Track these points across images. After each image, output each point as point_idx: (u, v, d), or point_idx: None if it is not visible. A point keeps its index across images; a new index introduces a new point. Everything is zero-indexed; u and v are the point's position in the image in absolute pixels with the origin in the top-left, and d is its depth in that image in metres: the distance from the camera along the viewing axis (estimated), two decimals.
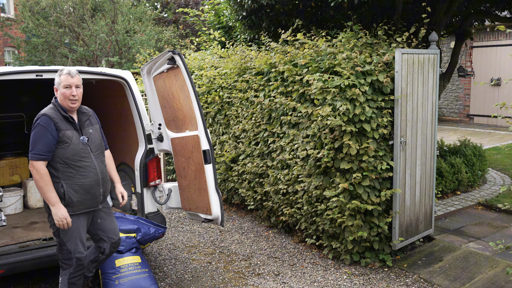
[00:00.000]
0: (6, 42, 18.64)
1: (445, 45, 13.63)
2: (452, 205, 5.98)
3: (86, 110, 3.44)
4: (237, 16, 6.83)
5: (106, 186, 3.39)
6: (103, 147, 3.46)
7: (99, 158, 3.36)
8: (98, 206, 3.36)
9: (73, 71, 3.22)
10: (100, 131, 3.47)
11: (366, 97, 4.14)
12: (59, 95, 3.21)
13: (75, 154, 3.17)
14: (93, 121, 3.42)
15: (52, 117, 3.14)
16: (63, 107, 3.22)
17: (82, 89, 3.28)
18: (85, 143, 3.24)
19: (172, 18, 19.64)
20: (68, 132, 3.17)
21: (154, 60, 4.08)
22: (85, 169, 3.22)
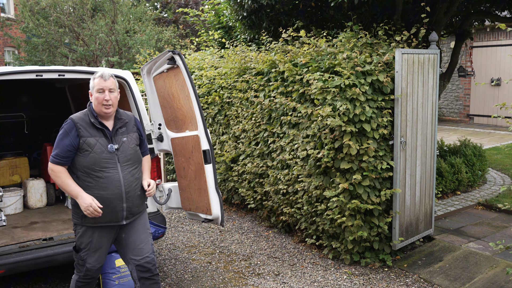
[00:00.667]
0: (6, 42, 18.64)
1: (445, 45, 13.63)
2: (452, 205, 5.98)
3: (124, 116, 3.17)
4: (237, 16, 6.83)
5: (132, 201, 3.07)
6: (137, 158, 3.15)
7: (128, 169, 3.05)
8: (121, 222, 3.06)
9: (106, 74, 3.02)
10: (138, 140, 3.20)
11: (366, 97, 4.14)
12: (93, 100, 3.03)
13: (95, 164, 2.93)
14: (130, 129, 3.15)
15: (76, 122, 2.98)
16: (95, 113, 3.03)
17: (117, 93, 3.06)
18: (112, 151, 2.99)
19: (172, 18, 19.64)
20: (91, 140, 2.95)
21: (154, 60, 4.08)
22: (105, 181, 2.95)
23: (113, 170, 2.98)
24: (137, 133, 3.20)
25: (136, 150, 3.14)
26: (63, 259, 3.75)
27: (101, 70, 3.01)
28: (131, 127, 3.17)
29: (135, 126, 3.22)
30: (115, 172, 2.98)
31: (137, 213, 3.16)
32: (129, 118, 3.19)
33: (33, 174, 5.56)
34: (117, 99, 3.06)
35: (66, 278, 4.30)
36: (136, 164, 3.13)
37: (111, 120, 3.09)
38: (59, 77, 3.92)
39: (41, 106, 6.08)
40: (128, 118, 3.19)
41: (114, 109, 3.06)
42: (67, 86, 6.09)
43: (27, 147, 5.87)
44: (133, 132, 3.16)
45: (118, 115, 3.13)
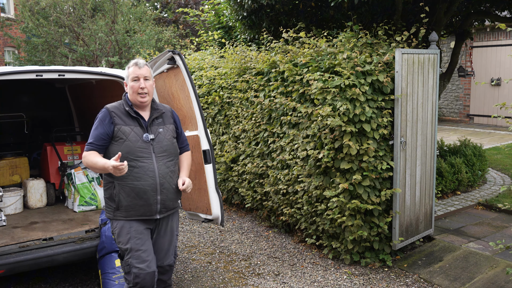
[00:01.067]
0: (6, 42, 18.64)
1: (445, 45, 13.63)
2: (452, 205, 5.98)
3: (160, 107, 3.10)
4: (237, 16, 6.83)
5: (166, 194, 2.97)
6: (173, 150, 3.06)
7: (163, 161, 2.96)
8: (155, 215, 2.97)
9: (141, 62, 2.95)
10: (175, 133, 3.12)
11: (366, 97, 4.14)
12: (129, 90, 2.97)
13: (129, 152, 2.86)
14: (166, 121, 3.08)
15: (111, 110, 2.94)
16: (129, 102, 2.98)
17: (152, 81, 2.99)
18: (147, 141, 2.92)
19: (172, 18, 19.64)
20: (126, 128, 2.90)
21: (154, 60, 4.08)
22: (139, 170, 2.87)
23: (147, 160, 2.90)
24: (173, 125, 3.12)
25: (173, 142, 3.06)
26: (63, 259, 3.75)
27: (135, 59, 2.96)
28: (167, 118, 3.09)
29: (172, 118, 3.14)
30: (149, 162, 2.90)
31: (172, 208, 3.06)
32: (166, 109, 3.12)
33: (33, 174, 5.56)
34: (152, 87, 3.00)
35: (66, 278, 4.30)
36: (172, 156, 3.04)
37: (147, 110, 3.02)
38: (59, 77, 3.92)
39: (41, 106, 6.08)
40: (165, 109, 3.11)
41: (150, 98, 2.99)
42: (67, 86, 6.09)
43: (27, 147, 5.87)
44: (169, 124, 3.08)
45: (155, 106, 3.06)
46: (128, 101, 2.99)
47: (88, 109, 5.90)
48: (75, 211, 4.83)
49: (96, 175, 5.11)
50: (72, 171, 5.00)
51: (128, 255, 2.92)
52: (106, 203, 3.01)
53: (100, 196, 4.93)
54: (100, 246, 3.87)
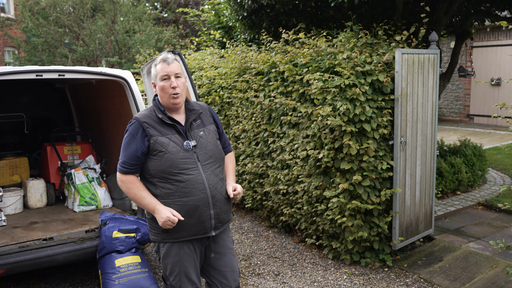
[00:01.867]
0: (6, 42, 18.64)
1: (445, 45, 13.63)
2: (452, 205, 5.98)
3: (196, 106, 2.68)
4: (237, 16, 6.83)
5: (220, 207, 2.58)
6: (219, 155, 2.65)
7: (211, 169, 2.56)
8: (209, 233, 2.58)
9: (170, 57, 2.54)
10: (217, 133, 2.72)
11: (366, 97, 4.14)
12: (158, 91, 2.55)
13: (172, 166, 2.45)
14: (206, 121, 2.66)
15: (142, 120, 2.50)
16: (162, 106, 2.56)
17: (184, 78, 2.59)
18: (189, 149, 2.51)
19: (172, 18, 19.64)
20: (163, 139, 2.47)
21: (154, 60, 4.07)
22: (186, 185, 2.46)
23: (194, 171, 2.48)
24: (214, 125, 2.71)
25: (217, 145, 2.65)
26: (63, 259, 3.75)
27: (163, 54, 2.54)
28: (206, 118, 2.68)
29: (211, 117, 2.73)
30: (196, 173, 2.49)
31: (226, 221, 2.68)
32: (202, 108, 2.70)
33: (33, 174, 5.56)
34: (185, 86, 2.58)
35: (66, 278, 4.30)
36: (219, 162, 2.64)
37: (181, 112, 2.61)
38: (59, 77, 3.92)
39: (41, 106, 6.09)
40: (201, 108, 2.70)
41: (183, 99, 2.58)
42: (67, 86, 6.09)
43: (27, 147, 5.87)
44: (209, 124, 2.67)
45: (189, 106, 2.64)
46: (160, 105, 2.56)
47: (88, 109, 5.91)
48: (75, 211, 4.83)
49: (96, 175, 5.11)
50: (72, 171, 5.00)
51: (176, 279, 2.58)
52: (149, 224, 2.61)
53: (100, 196, 4.94)
54: (100, 246, 3.87)
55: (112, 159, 5.37)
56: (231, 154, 2.87)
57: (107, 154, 5.50)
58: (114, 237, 3.87)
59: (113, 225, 3.93)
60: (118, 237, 3.88)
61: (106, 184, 5.12)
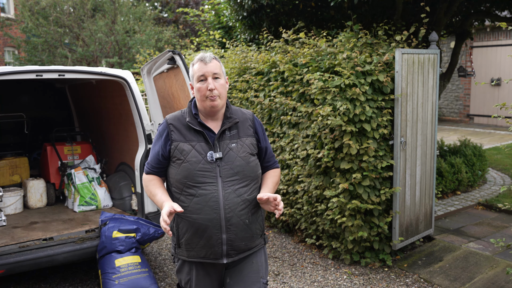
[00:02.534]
0: (6, 42, 18.65)
1: (445, 45, 13.63)
2: (452, 205, 5.98)
3: (236, 114, 2.36)
4: (237, 16, 6.83)
5: (236, 232, 2.23)
6: (249, 172, 2.28)
7: (233, 187, 2.22)
8: (220, 260, 2.26)
9: (207, 56, 2.26)
10: (255, 147, 2.35)
11: (366, 97, 4.14)
12: (195, 93, 2.29)
13: (188, 177, 2.20)
14: (243, 132, 2.33)
15: (169, 122, 2.30)
16: (195, 109, 2.31)
17: (224, 80, 2.30)
18: (212, 161, 2.21)
19: (172, 18, 19.64)
20: (184, 145, 2.23)
21: (154, 60, 4.08)
22: (199, 200, 2.19)
23: (210, 186, 2.19)
24: (254, 137, 2.35)
25: (249, 161, 2.27)
26: (63, 259, 3.75)
27: (201, 53, 2.31)
28: (245, 129, 2.34)
29: (252, 128, 2.37)
30: (213, 189, 2.19)
31: (245, 250, 2.31)
32: (243, 118, 2.37)
33: (33, 174, 5.56)
34: (224, 88, 2.28)
35: (66, 278, 4.30)
36: (247, 181, 2.26)
37: (218, 119, 2.32)
38: (59, 77, 3.92)
39: (41, 106, 6.09)
40: (242, 117, 2.36)
41: (222, 103, 2.28)
42: (67, 86, 6.09)
43: (27, 147, 5.88)
44: (247, 136, 2.33)
45: (228, 113, 2.33)
46: (193, 108, 2.32)
47: (88, 109, 5.91)
48: (75, 211, 4.83)
49: (96, 175, 5.11)
50: (72, 171, 5.00)
51: None
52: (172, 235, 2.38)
53: (100, 196, 4.94)
54: (100, 246, 3.87)
55: (112, 159, 5.38)
56: (276, 170, 2.49)
57: (107, 154, 5.50)
58: (114, 237, 3.87)
59: (113, 225, 3.94)
60: (118, 237, 3.88)
61: (106, 184, 5.12)
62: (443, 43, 13.56)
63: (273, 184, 2.40)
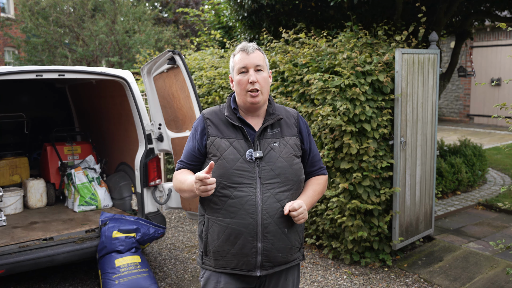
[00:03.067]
0: (6, 42, 18.65)
1: (445, 45, 13.63)
2: (452, 205, 5.98)
3: (279, 110, 2.17)
4: (237, 16, 6.83)
5: (273, 242, 2.01)
6: (292, 175, 2.06)
7: (273, 190, 2.00)
8: (253, 271, 2.02)
9: (250, 46, 2.07)
10: (298, 149, 2.13)
11: (366, 97, 4.14)
12: (235, 86, 2.10)
13: (223, 176, 1.99)
14: (286, 131, 2.12)
15: (206, 116, 2.13)
16: (234, 104, 2.13)
17: (267, 73, 2.11)
18: (251, 160, 2.01)
19: (172, 18, 19.64)
20: (222, 141, 2.04)
21: (154, 60, 4.08)
22: (234, 203, 1.98)
23: (248, 188, 1.98)
24: (297, 137, 2.14)
25: (292, 163, 2.07)
26: (63, 259, 3.76)
27: (242, 43, 2.12)
28: (289, 127, 2.14)
29: (297, 127, 2.17)
30: (250, 191, 1.98)
31: (281, 263, 2.07)
32: (287, 115, 2.18)
33: (33, 174, 5.56)
34: (267, 82, 2.08)
35: (66, 278, 4.30)
36: (289, 185, 2.05)
37: (259, 115, 2.13)
38: (59, 77, 3.92)
39: (41, 106, 6.09)
40: (286, 114, 2.18)
41: (265, 98, 2.09)
42: (67, 86, 6.09)
43: (27, 147, 5.88)
44: (291, 136, 2.12)
45: (271, 109, 2.14)
46: (233, 103, 2.14)
47: (88, 109, 5.91)
48: (75, 211, 4.83)
49: (96, 175, 5.11)
50: (72, 171, 5.00)
51: None
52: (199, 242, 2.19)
53: (100, 196, 4.94)
54: (100, 246, 3.87)
55: (112, 159, 5.38)
56: (320, 177, 2.24)
57: (107, 154, 5.50)
58: (114, 237, 3.87)
59: (113, 225, 3.94)
60: (118, 237, 3.88)
61: (106, 184, 5.12)
62: (443, 43, 13.56)
63: (314, 193, 2.14)
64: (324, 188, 2.23)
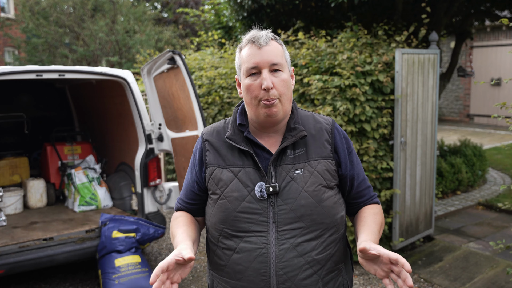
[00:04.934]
0: (6, 42, 18.65)
1: (445, 45, 13.63)
2: (452, 205, 5.98)
3: (304, 123, 1.55)
4: (237, 16, 6.83)
5: None
6: (322, 216, 1.45)
7: (294, 240, 1.43)
8: None
9: (263, 36, 1.48)
10: (333, 176, 1.51)
11: (366, 97, 4.14)
12: (244, 94, 1.51)
13: (225, 221, 1.47)
14: (314, 151, 1.50)
15: (205, 138, 1.59)
16: (243, 119, 1.56)
17: (288, 74, 1.50)
18: (262, 198, 1.44)
19: (172, 18, 19.65)
20: (222, 173, 1.50)
21: (154, 60, 4.08)
22: (241, 259, 1.44)
23: (257, 237, 1.43)
24: (331, 159, 1.51)
25: (322, 198, 1.45)
26: (63, 259, 3.76)
27: (251, 32, 1.54)
28: (318, 146, 1.51)
29: (330, 144, 1.53)
30: (261, 242, 1.43)
31: None
32: (316, 127, 1.54)
33: (33, 174, 5.56)
34: (287, 86, 1.47)
35: (66, 278, 4.30)
36: (318, 230, 1.45)
37: (278, 131, 1.54)
38: (59, 77, 3.92)
39: (41, 106, 6.09)
40: (314, 126, 1.54)
41: (285, 108, 1.48)
42: (67, 86, 6.09)
43: (27, 147, 5.88)
44: (320, 158, 1.49)
45: (292, 121, 1.52)
46: (239, 116, 1.56)
47: (88, 109, 5.91)
48: (75, 211, 4.83)
49: (96, 175, 5.11)
50: (72, 171, 5.00)
51: None
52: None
53: (100, 196, 4.94)
54: (100, 246, 3.87)
55: (112, 159, 5.38)
56: (373, 206, 1.63)
57: (107, 154, 5.50)
58: (114, 237, 3.87)
59: (113, 225, 3.94)
60: (118, 237, 3.88)
61: (106, 184, 5.12)
62: (443, 43, 13.56)
63: (377, 225, 1.52)
64: (383, 218, 1.60)
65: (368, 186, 1.64)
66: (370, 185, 1.65)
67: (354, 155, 1.59)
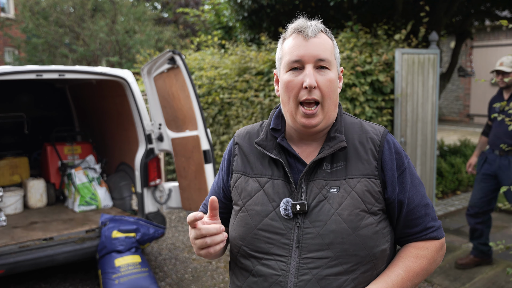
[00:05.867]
0: (6, 42, 18.66)
1: (445, 45, 13.64)
2: (452, 205, 5.98)
3: (348, 132, 1.32)
4: (238, 16, 6.83)
5: None
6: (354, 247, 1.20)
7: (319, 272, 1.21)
8: None
9: (311, 26, 1.28)
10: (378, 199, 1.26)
11: (366, 97, 4.14)
12: (281, 92, 1.32)
13: (243, 237, 1.29)
14: (355, 167, 1.27)
15: (236, 141, 1.43)
16: (276, 124, 1.38)
17: (336, 72, 1.30)
18: (287, 216, 1.25)
19: (172, 18, 19.65)
20: (248, 182, 1.33)
21: (154, 60, 4.08)
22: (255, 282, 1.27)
23: (277, 262, 1.25)
24: (375, 178, 1.26)
25: (358, 225, 1.22)
26: (63, 259, 3.76)
27: (297, 20, 1.34)
28: (361, 160, 1.28)
29: (376, 159, 1.29)
30: (279, 268, 1.24)
31: None
32: (362, 138, 1.31)
33: (33, 174, 5.57)
34: (333, 88, 1.27)
35: (66, 278, 4.30)
36: (349, 264, 1.21)
37: (317, 139, 1.34)
38: (59, 77, 3.92)
39: (41, 106, 6.09)
40: (359, 137, 1.32)
41: (328, 116, 1.29)
42: (67, 86, 6.10)
43: (27, 147, 5.88)
44: (362, 176, 1.26)
45: (333, 130, 1.31)
46: (275, 119, 1.39)
47: (88, 109, 5.91)
48: (75, 211, 4.83)
49: (96, 175, 5.11)
50: (72, 171, 5.00)
51: None
52: None
53: (101, 196, 4.94)
54: (100, 246, 3.87)
55: (112, 159, 5.38)
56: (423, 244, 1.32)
57: (107, 154, 5.50)
58: (114, 237, 3.87)
59: (112, 225, 3.94)
60: (117, 237, 3.88)
61: (106, 184, 5.12)
62: (443, 43, 13.57)
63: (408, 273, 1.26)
64: (432, 263, 1.31)
65: (425, 215, 1.31)
66: (429, 214, 1.31)
67: (408, 175, 1.31)
